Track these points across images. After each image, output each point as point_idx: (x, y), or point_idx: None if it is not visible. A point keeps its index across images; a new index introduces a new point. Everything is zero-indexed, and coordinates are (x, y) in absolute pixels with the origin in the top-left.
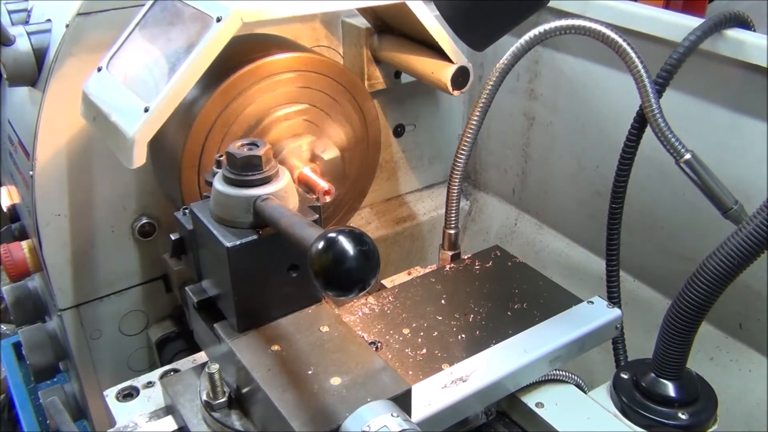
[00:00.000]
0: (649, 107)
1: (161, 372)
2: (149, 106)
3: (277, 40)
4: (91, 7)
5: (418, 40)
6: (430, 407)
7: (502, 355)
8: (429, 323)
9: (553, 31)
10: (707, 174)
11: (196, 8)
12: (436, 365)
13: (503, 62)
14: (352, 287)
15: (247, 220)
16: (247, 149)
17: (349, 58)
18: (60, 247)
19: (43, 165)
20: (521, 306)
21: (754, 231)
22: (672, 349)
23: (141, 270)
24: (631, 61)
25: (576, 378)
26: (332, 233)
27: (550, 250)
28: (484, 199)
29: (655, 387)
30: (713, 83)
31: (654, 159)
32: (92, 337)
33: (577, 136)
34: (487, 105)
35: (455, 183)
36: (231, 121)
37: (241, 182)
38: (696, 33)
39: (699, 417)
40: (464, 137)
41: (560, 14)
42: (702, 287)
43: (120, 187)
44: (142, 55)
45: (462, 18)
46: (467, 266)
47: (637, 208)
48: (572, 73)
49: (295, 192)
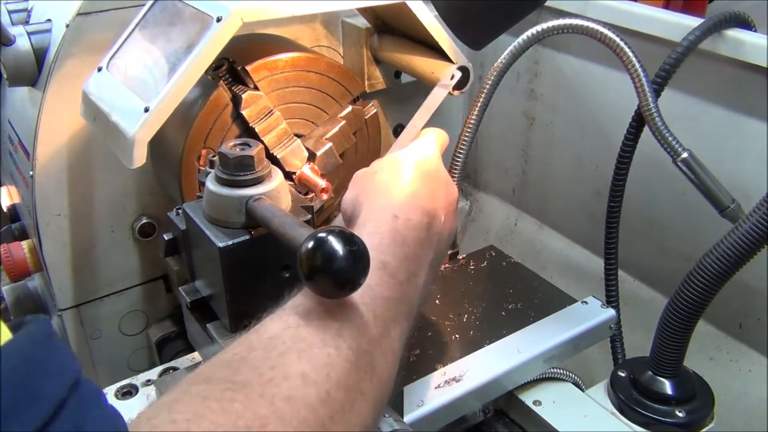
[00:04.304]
0: (647, 106)
1: (160, 370)
2: (149, 106)
3: (277, 40)
4: (91, 7)
5: (418, 40)
6: (423, 407)
7: (496, 355)
8: (423, 323)
9: (550, 31)
10: (704, 173)
11: (196, 8)
12: (429, 365)
13: (501, 61)
14: (342, 288)
15: (240, 221)
16: (239, 149)
17: (349, 58)
18: (60, 247)
19: (43, 165)
20: (515, 306)
21: (750, 229)
22: (669, 347)
23: (141, 270)
24: (629, 61)
25: (573, 376)
26: (322, 233)
27: (550, 250)
28: (484, 199)
29: (652, 385)
30: (713, 83)
31: (654, 158)
32: (92, 337)
33: (577, 136)
34: (486, 104)
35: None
36: (231, 121)
37: (233, 182)
38: (695, 33)
39: (696, 415)
40: (462, 136)
41: (559, 14)
42: (699, 285)
43: (120, 187)
44: (142, 55)
45: (459, 16)
46: (462, 266)
47: (636, 208)
48: (572, 73)
49: (288, 192)
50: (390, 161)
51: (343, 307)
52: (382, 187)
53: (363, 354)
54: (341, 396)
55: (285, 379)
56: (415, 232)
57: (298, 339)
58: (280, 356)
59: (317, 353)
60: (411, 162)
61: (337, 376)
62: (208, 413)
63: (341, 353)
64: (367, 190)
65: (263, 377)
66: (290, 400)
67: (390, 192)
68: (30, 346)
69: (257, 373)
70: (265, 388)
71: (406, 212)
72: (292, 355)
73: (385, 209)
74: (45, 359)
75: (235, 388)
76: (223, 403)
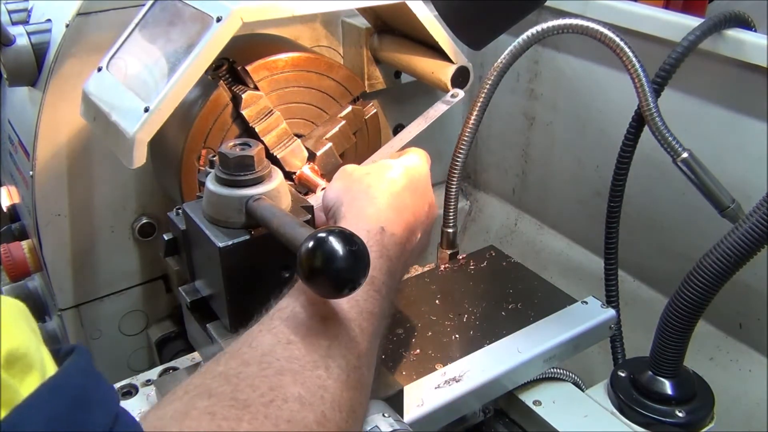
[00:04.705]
0: (647, 106)
1: (160, 370)
2: (149, 106)
3: (277, 40)
4: (91, 7)
5: (418, 40)
6: (423, 407)
7: (496, 355)
8: (423, 323)
9: (550, 31)
10: (704, 173)
11: (196, 8)
12: (429, 365)
13: (501, 61)
14: (342, 287)
15: (240, 221)
16: (239, 149)
17: (349, 58)
18: (60, 247)
19: (43, 165)
20: (515, 306)
21: (750, 229)
22: (669, 347)
23: (141, 270)
24: (629, 60)
25: (573, 376)
26: (322, 233)
27: (550, 250)
28: (484, 199)
29: (652, 385)
30: (713, 83)
31: (654, 159)
32: (92, 337)
33: (577, 136)
34: (486, 104)
35: (454, 181)
36: (231, 121)
37: (233, 182)
38: (695, 33)
39: (696, 415)
40: (462, 136)
41: (559, 14)
42: (699, 285)
43: (120, 187)
44: (142, 55)
45: (459, 16)
46: (462, 266)
47: (636, 208)
48: (572, 73)
49: (288, 192)
50: (382, 167)
51: (333, 323)
52: (371, 192)
53: (352, 370)
54: (337, 417)
55: (285, 401)
56: (398, 247)
57: (291, 358)
58: (276, 376)
59: (309, 375)
60: (403, 173)
61: (331, 397)
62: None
63: (331, 373)
64: (353, 191)
65: (264, 398)
66: (291, 422)
67: (377, 200)
68: (78, 379)
69: (258, 393)
70: (268, 410)
71: (393, 226)
72: (288, 376)
73: (373, 219)
74: (92, 392)
75: (239, 407)
76: (231, 422)
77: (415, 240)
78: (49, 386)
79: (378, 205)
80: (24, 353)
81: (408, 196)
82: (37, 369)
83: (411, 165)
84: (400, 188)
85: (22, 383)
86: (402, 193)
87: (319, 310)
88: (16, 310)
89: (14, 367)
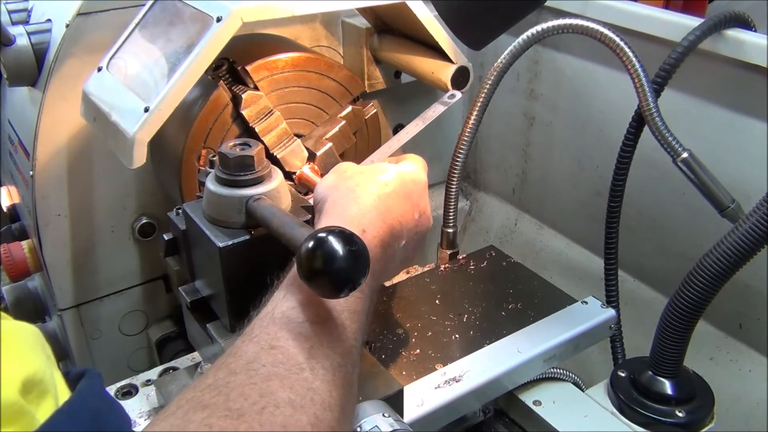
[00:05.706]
0: (647, 106)
1: (160, 370)
2: (149, 106)
3: (277, 40)
4: (91, 7)
5: (418, 40)
6: (423, 407)
7: (496, 355)
8: (423, 323)
9: (550, 31)
10: (704, 173)
11: (196, 8)
12: (429, 365)
13: (501, 61)
14: (342, 287)
15: (240, 221)
16: (239, 149)
17: (349, 58)
18: (60, 247)
19: (43, 165)
20: (515, 306)
21: (750, 229)
22: (669, 347)
23: (141, 270)
24: (629, 60)
25: (573, 376)
26: (322, 233)
27: (550, 250)
28: (484, 199)
29: (652, 385)
30: (713, 83)
31: (654, 159)
32: (92, 337)
33: (577, 136)
34: (486, 104)
35: (454, 181)
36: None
37: (233, 182)
38: (695, 33)
39: (696, 415)
40: (462, 136)
41: (559, 14)
42: (699, 285)
43: (120, 187)
44: (142, 55)
45: (459, 16)
46: (462, 266)
47: (636, 208)
48: (572, 73)
49: (287, 192)
50: (375, 169)
51: (314, 325)
52: (357, 192)
53: (337, 369)
54: (328, 417)
55: (276, 407)
56: (379, 250)
57: (276, 363)
58: (264, 382)
59: (296, 378)
60: (394, 177)
61: (320, 398)
62: None
63: (317, 375)
64: (340, 189)
65: (256, 405)
66: (286, 427)
67: (361, 201)
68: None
69: (250, 402)
70: (262, 417)
71: (375, 228)
72: (275, 381)
73: (355, 220)
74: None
75: (233, 416)
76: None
77: (398, 246)
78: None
79: (362, 206)
80: (40, 379)
81: (396, 200)
82: (52, 394)
83: (405, 171)
84: (389, 192)
85: (38, 408)
86: (390, 197)
87: (300, 313)
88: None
89: (31, 392)
